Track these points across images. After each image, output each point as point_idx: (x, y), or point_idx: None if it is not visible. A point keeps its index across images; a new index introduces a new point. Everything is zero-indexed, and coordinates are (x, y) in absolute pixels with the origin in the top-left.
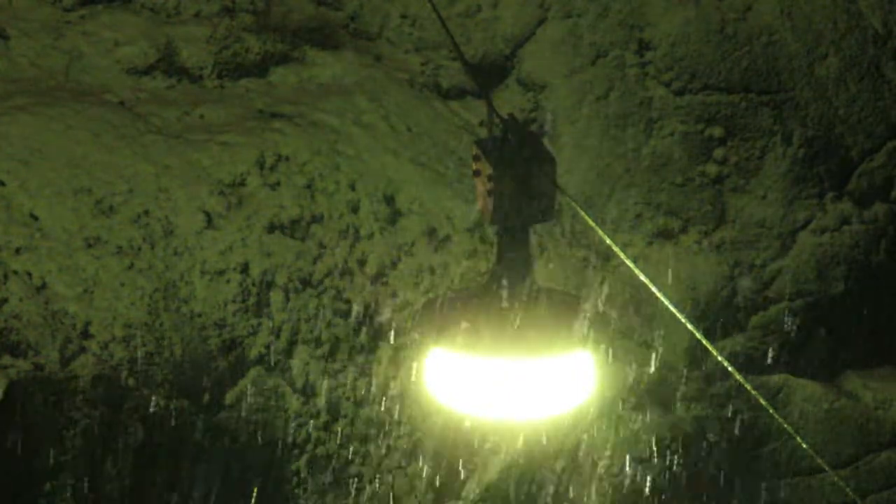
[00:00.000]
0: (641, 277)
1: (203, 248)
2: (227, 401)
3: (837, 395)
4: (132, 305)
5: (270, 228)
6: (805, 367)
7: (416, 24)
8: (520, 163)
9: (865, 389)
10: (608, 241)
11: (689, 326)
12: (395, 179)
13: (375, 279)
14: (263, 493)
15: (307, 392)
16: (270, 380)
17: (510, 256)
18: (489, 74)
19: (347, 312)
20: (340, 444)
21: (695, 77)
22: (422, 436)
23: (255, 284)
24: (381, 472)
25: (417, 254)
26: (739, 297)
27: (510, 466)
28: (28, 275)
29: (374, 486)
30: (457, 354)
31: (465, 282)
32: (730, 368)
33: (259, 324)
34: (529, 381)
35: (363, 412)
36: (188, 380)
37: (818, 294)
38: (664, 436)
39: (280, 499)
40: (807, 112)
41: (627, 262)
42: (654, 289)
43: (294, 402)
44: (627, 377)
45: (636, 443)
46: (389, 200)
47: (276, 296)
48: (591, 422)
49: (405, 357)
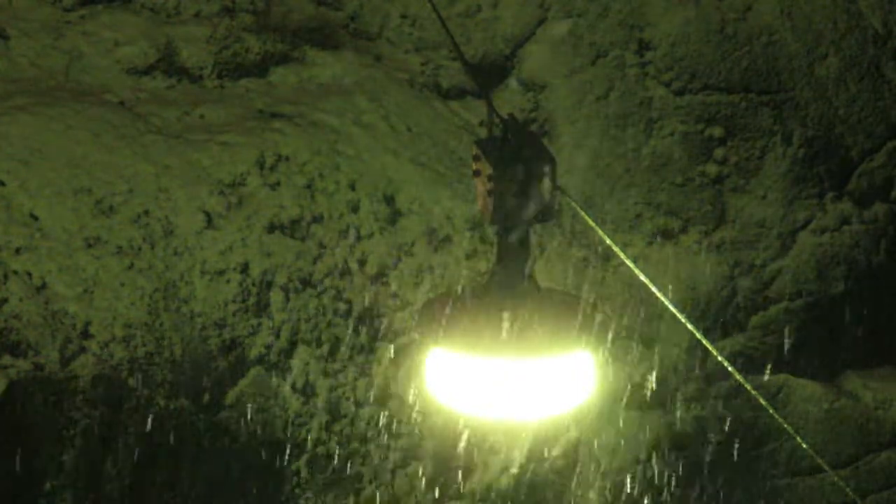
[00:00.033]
0: (641, 277)
1: (203, 248)
2: (227, 401)
3: (837, 395)
4: (132, 305)
5: (270, 228)
6: (805, 367)
7: (416, 24)
8: (520, 163)
9: (865, 389)
10: (608, 241)
11: (689, 326)
12: (395, 179)
13: (375, 279)
14: (263, 493)
15: (307, 392)
16: (270, 380)
17: (510, 256)
18: (489, 74)
19: (347, 312)
20: (340, 444)
21: (695, 77)
22: (422, 436)
23: (255, 284)
24: (381, 472)
25: (417, 254)
26: (739, 297)
27: (510, 466)
28: (28, 275)
29: (374, 486)
30: (457, 354)
31: (465, 282)
32: (730, 368)
33: (259, 324)
34: (529, 381)
35: (363, 412)
36: (188, 380)
37: (818, 294)
38: (664, 436)
39: (280, 499)
40: (807, 112)
41: (627, 262)
42: (654, 289)
43: (294, 402)
44: (627, 377)
45: (636, 443)
46: (389, 200)
47: (276, 296)
48: (591, 422)
49: (405, 357)
